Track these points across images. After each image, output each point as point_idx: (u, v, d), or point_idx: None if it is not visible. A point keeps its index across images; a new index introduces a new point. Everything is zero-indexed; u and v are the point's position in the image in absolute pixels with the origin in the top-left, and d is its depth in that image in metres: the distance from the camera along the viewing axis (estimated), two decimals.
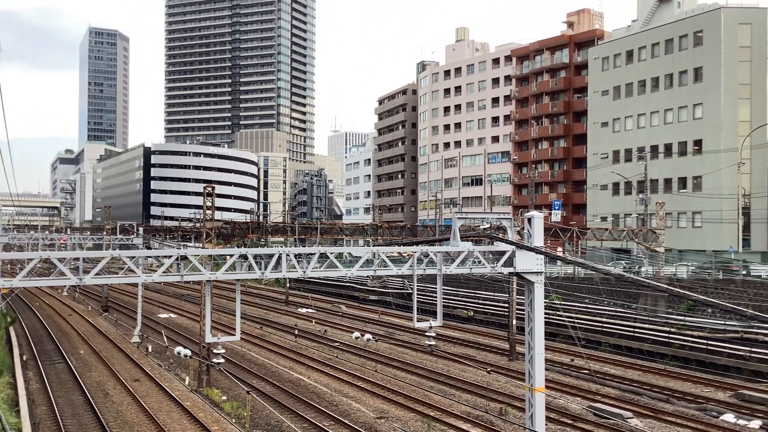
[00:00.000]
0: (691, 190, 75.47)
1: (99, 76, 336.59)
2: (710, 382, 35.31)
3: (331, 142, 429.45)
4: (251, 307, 68.86)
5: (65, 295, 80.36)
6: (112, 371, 37.89)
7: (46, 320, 58.92)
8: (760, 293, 46.20)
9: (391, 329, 54.12)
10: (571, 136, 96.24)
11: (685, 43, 77.45)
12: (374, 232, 65.26)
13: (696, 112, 76.07)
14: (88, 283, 16.37)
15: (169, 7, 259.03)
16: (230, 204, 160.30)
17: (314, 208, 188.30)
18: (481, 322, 56.21)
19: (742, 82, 73.07)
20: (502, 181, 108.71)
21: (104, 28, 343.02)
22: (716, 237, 71.76)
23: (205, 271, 17.98)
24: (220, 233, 59.14)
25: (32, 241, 63.58)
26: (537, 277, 20.31)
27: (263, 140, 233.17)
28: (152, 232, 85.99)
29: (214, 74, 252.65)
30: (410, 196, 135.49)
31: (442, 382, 35.68)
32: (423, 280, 57.65)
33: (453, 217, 21.47)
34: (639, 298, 51.57)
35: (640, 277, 38.90)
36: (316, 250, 19.92)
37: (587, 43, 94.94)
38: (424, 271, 20.37)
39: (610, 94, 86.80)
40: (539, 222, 20.47)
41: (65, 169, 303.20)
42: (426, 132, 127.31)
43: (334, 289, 79.98)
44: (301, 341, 48.10)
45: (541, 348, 20.05)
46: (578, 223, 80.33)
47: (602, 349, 44.18)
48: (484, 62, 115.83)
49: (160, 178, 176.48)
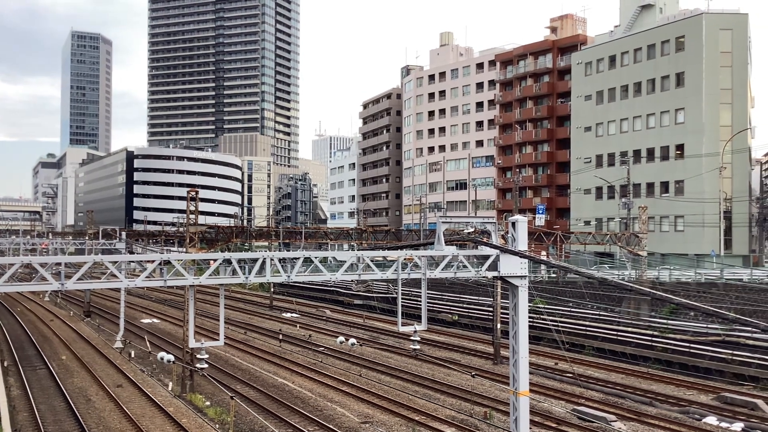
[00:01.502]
0: (673, 195, 75.99)
1: (82, 79, 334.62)
2: (693, 385, 35.54)
3: (316, 146, 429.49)
4: (235, 312, 68.55)
5: (47, 300, 79.66)
6: (94, 377, 37.57)
7: (27, 326, 58.34)
8: (742, 296, 46.61)
9: (376, 333, 54.07)
10: (554, 140, 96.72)
11: (667, 48, 78.06)
12: (359, 237, 65.25)
13: (678, 117, 76.65)
14: (70, 288, 16.21)
15: (152, 11, 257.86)
16: (214, 208, 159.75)
17: (299, 212, 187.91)
18: (465, 326, 56.28)
19: (723, 87, 73.72)
20: (486, 185, 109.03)
21: (87, 32, 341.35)
22: (698, 241, 72.33)
23: (189, 275, 17.86)
24: (204, 238, 58.89)
25: (13, 246, 63.04)
26: (521, 281, 20.35)
27: (247, 144, 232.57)
28: (135, 237, 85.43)
29: (198, 78, 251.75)
30: (395, 200, 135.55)
31: (426, 387, 35.66)
32: (408, 284, 57.71)
33: (437, 222, 21.46)
34: (622, 301, 51.88)
35: (622, 281, 39.11)
36: (300, 254, 19.84)
37: (570, 48, 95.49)
38: (409, 275, 20.35)
39: (593, 98, 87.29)
40: (523, 226, 20.51)
41: (47, 174, 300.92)
42: (410, 136, 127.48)
43: (319, 294, 79.80)
44: (286, 346, 47.93)
45: (525, 352, 20.08)
46: (562, 227, 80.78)
47: (586, 352, 44.37)
48: (468, 67, 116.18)
49: (143, 183, 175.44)
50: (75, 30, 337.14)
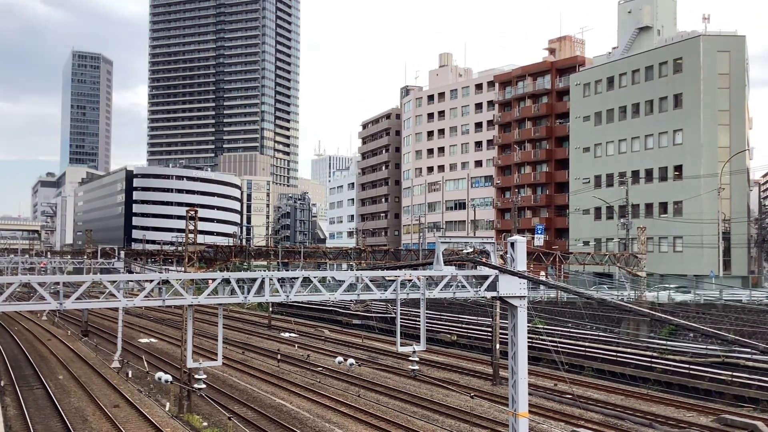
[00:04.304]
0: (671, 215, 76.07)
1: (82, 99, 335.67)
2: (692, 407, 35.38)
3: (315, 166, 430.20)
4: (233, 332, 68.31)
5: (45, 319, 79.38)
6: (91, 397, 37.37)
7: (24, 345, 58.10)
8: (741, 317, 46.51)
9: (375, 354, 53.86)
10: (553, 160, 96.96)
11: (665, 70, 78.48)
12: (358, 256, 65.18)
13: (676, 138, 76.90)
14: (68, 308, 16.19)
15: (153, 31, 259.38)
16: (213, 227, 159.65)
17: (298, 231, 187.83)
18: (464, 346, 56.09)
19: (721, 109, 74.03)
20: (485, 206, 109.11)
21: (88, 52, 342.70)
22: (697, 262, 72.28)
23: (187, 295, 17.85)
24: (203, 257, 58.80)
25: (12, 265, 62.95)
26: (520, 301, 20.34)
27: (247, 164, 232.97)
28: (134, 256, 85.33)
29: (198, 98, 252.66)
30: (394, 220, 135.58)
31: (425, 407, 35.48)
32: (406, 304, 57.53)
33: (436, 242, 21.49)
34: (621, 322, 51.76)
35: (621, 302, 38.99)
36: (299, 274, 19.84)
37: (569, 69, 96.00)
38: (408, 295, 20.35)
39: (591, 119, 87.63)
40: (522, 246, 20.53)
41: (46, 193, 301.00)
42: (410, 156, 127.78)
43: (318, 313, 79.56)
44: (284, 366, 47.74)
45: (524, 373, 20.02)
46: (561, 248, 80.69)
47: (585, 373, 44.20)
48: (467, 87, 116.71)
49: (142, 202, 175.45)
50: (76, 50, 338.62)
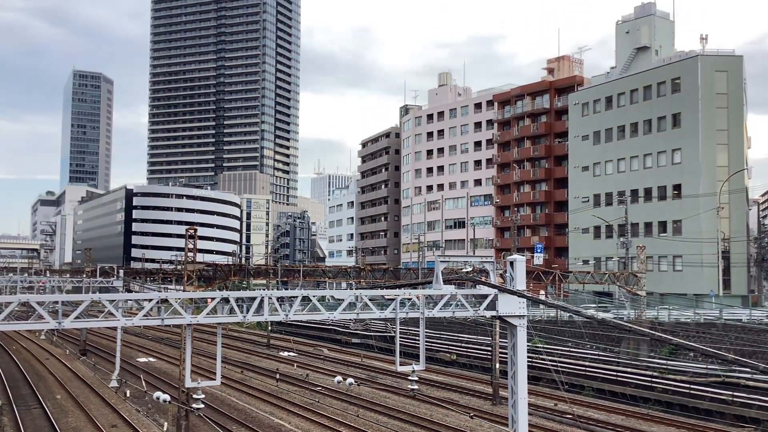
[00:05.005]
0: (671, 234, 76.10)
1: (82, 118, 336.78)
2: (694, 427, 35.19)
3: (315, 185, 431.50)
4: (232, 351, 68.06)
5: (43, 338, 79.09)
6: (89, 417, 37.17)
7: (22, 364, 57.85)
8: (741, 337, 46.40)
9: (374, 373, 53.64)
10: (552, 179, 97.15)
11: (663, 89, 78.83)
12: (357, 275, 65.20)
13: (675, 157, 77.12)
14: (67, 327, 16.17)
15: (153, 50, 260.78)
16: (212, 246, 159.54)
17: (297, 250, 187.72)
18: (464, 365, 55.87)
19: (719, 128, 74.29)
20: (484, 224, 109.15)
21: (88, 71, 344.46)
22: (697, 281, 72.20)
23: (186, 314, 17.83)
24: (202, 276, 58.80)
25: (10, 284, 62.86)
26: (520, 320, 20.31)
27: (246, 182, 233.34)
28: (133, 275, 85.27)
29: (198, 116, 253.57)
30: (393, 239, 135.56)
31: (425, 427, 35.28)
32: (406, 323, 57.41)
33: (436, 260, 21.50)
34: (621, 341, 51.60)
35: (621, 321, 38.94)
36: (298, 293, 19.84)
37: (567, 88, 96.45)
38: (407, 314, 20.32)
39: (590, 138, 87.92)
40: (521, 265, 20.54)
41: (46, 211, 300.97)
42: (409, 175, 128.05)
43: (316, 332, 79.30)
44: (283, 386, 47.52)
45: (524, 392, 19.96)
46: (560, 267, 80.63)
47: (586, 393, 44.00)
48: (467, 107, 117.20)
49: (141, 220, 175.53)
50: (77, 69, 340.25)
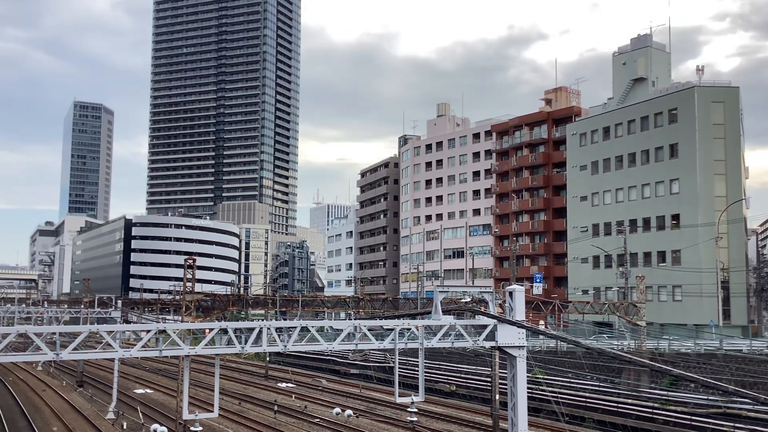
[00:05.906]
0: (670, 264, 76.05)
1: (82, 148, 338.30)
2: None
3: (314, 214, 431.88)
4: (230, 382, 67.59)
5: (40, 369, 78.55)
6: None
7: (19, 396, 57.37)
8: (742, 368, 46.18)
9: (373, 404, 53.23)
10: (551, 209, 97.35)
11: (661, 120, 79.34)
12: (356, 305, 65.06)
13: (673, 187, 77.36)
14: (65, 359, 16.13)
15: (154, 82, 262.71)
16: (211, 276, 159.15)
17: (296, 280, 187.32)
18: (464, 396, 55.48)
19: (717, 158, 74.65)
20: (483, 254, 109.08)
21: (89, 102, 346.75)
22: (697, 311, 72.00)
23: (184, 345, 17.78)
24: (200, 306, 58.64)
25: (8, 315, 62.63)
26: (519, 351, 20.24)
27: (245, 212, 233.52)
28: (131, 305, 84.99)
29: (198, 146, 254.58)
30: (392, 269, 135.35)
31: None
32: (405, 353, 57.11)
33: (434, 291, 21.50)
34: (622, 372, 51.32)
35: (621, 352, 38.75)
36: (297, 323, 19.81)
37: (565, 119, 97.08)
38: (406, 344, 20.27)
39: (588, 168, 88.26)
40: (520, 295, 20.53)
41: (45, 241, 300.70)
42: (408, 205, 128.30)
43: (315, 363, 78.82)
44: (281, 417, 47.13)
45: (524, 424, 19.83)
46: (560, 296, 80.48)
47: (586, 424, 43.64)
48: (465, 137, 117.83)
49: (140, 250, 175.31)
50: (77, 100, 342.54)
